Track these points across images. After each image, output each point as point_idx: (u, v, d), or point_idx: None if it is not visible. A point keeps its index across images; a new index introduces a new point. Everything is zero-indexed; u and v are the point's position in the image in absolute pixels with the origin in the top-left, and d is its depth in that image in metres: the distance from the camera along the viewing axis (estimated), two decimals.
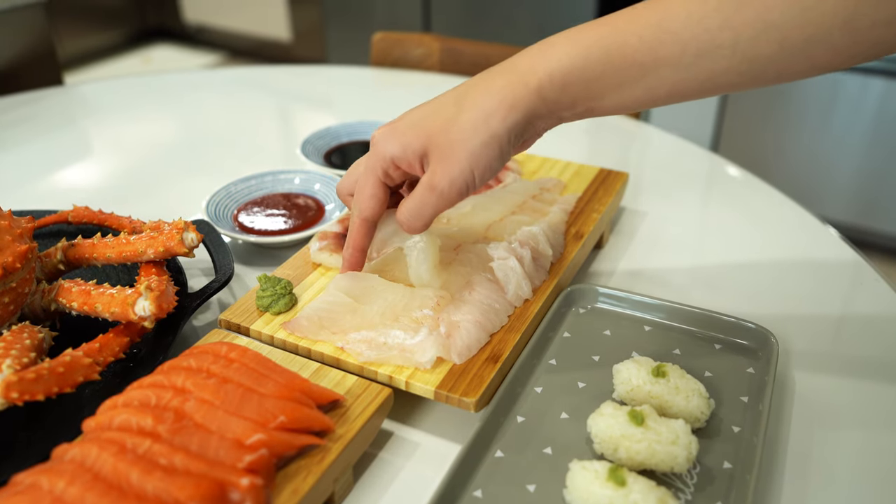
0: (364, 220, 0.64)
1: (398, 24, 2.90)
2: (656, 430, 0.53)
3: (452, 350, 0.61)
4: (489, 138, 0.56)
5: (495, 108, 0.56)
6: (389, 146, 0.59)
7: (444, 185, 0.57)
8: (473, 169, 0.57)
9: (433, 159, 0.57)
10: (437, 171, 0.57)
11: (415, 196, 0.59)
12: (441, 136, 0.57)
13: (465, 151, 0.56)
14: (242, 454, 0.49)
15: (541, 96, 0.56)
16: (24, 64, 1.52)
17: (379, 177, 0.62)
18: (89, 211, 0.81)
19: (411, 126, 0.59)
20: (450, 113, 0.57)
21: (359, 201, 0.64)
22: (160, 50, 4.25)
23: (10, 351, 0.55)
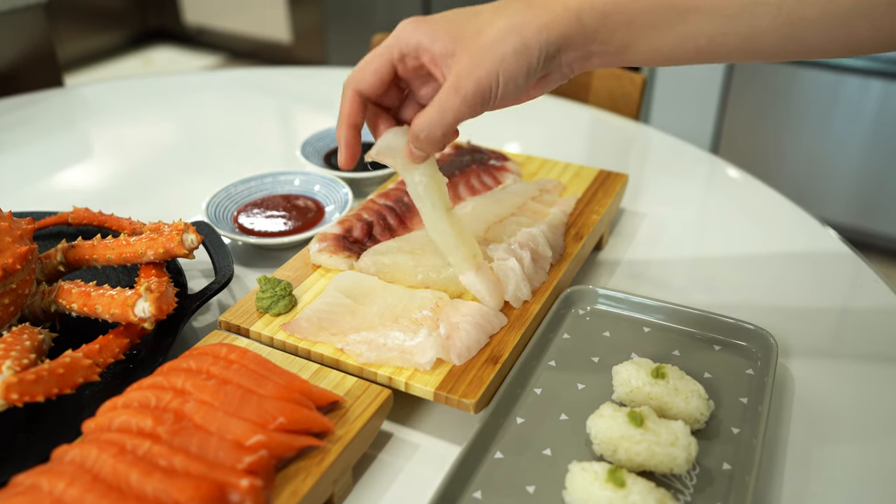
0: (357, 93, 0.61)
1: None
2: (656, 432, 0.53)
3: (452, 351, 0.61)
4: (521, 46, 0.54)
5: (530, 21, 0.54)
6: (419, 33, 0.57)
7: (469, 86, 0.55)
8: (500, 73, 0.55)
9: (462, 59, 0.55)
10: (464, 72, 0.55)
11: (435, 102, 0.56)
12: (473, 39, 0.55)
13: (494, 55, 0.54)
14: (242, 455, 0.49)
15: (579, 20, 0.54)
16: (25, 65, 1.52)
17: (393, 57, 0.59)
18: (89, 212, 0.81)
19: (445, 22, 0.57)
20: (486, 19, 0.56)
21: (358, 71, 0.60)
22: (160, 51, 4.26)
23: (10, 352, 0.55)
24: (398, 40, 0.58)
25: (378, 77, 0.59)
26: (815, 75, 2.14)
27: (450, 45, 0.56)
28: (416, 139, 0.59)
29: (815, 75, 2.14)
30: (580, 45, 0.56)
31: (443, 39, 0.56)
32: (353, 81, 0.60)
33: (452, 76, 0.55)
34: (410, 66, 0.59)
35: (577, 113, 1.29)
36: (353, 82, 0.60)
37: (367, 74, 0.59)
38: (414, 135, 0.58)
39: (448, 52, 0.56)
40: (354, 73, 0.60)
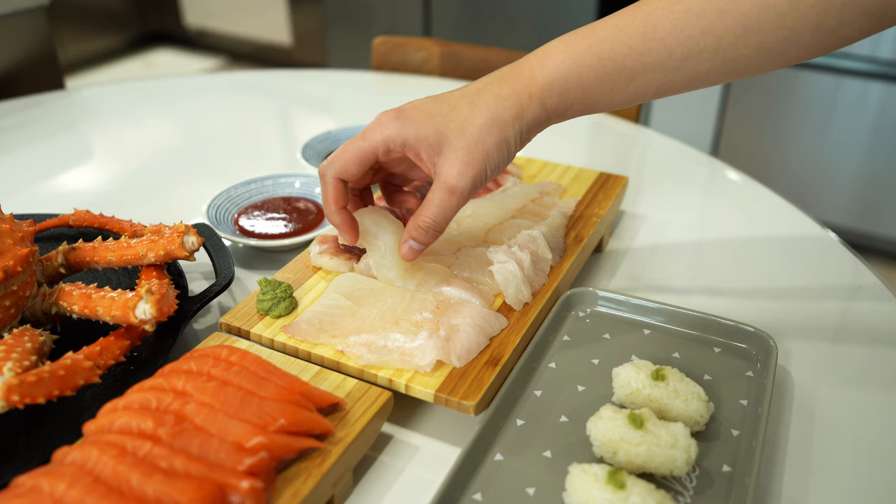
0: (339, 180, 0.64)
1: (399, 28, 2.90)
2: (655, 434, 0.53)
3: (452, 353, 0.61)
4: (501, 141, 0.61)
5: (504, 115, 0.61)
6: (405, 129, 0.61)
7: (465, 185, 0.60)
8: (487, 167, 0.61)
9: (450, 159, 0.60)
10: (455, 173, 0.60)
11: (433, 201, 0.61)
12: (458, 136, 0.60)
13: (482, 153, 0.60)
14: (242, 457, 0.49)
15: (542, 104, 0.61)
16: (26, 68, 1.53)
17: (377, 149, 0.62)
18: (90, 214, 0.81)
19: (427, 117, 0.61)
20: (464, 115, 0.61)
21: (341, 162, 0.63)
22: (161, 54, 4.26)
23: (11, 354, 0.55)
24: (384, 136, 0.62)
25: (361, 167, 0.64)
26: (815, 78, 2.14)
27: (436, 141, 0.61)
28: (421, 232, 0.63)
29: (815, 78, 2.14)
30: (546, 121, 0.63)
31: (429, 137, 0.61)
32: (335, 171, 0.64)
33: (445, 176, 0.61)
34: (393, 159, 0.64)
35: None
36: (334, 171, 0.64)
37: (350, 165, 0.63)
38: (419, 228, 0.63)
39: (434, 149, 0.61)
40: (336, 163, 0.63)
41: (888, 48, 2.02)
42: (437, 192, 0.61)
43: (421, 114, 0.61)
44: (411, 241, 0.65)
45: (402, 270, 0.69)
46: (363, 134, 0.63)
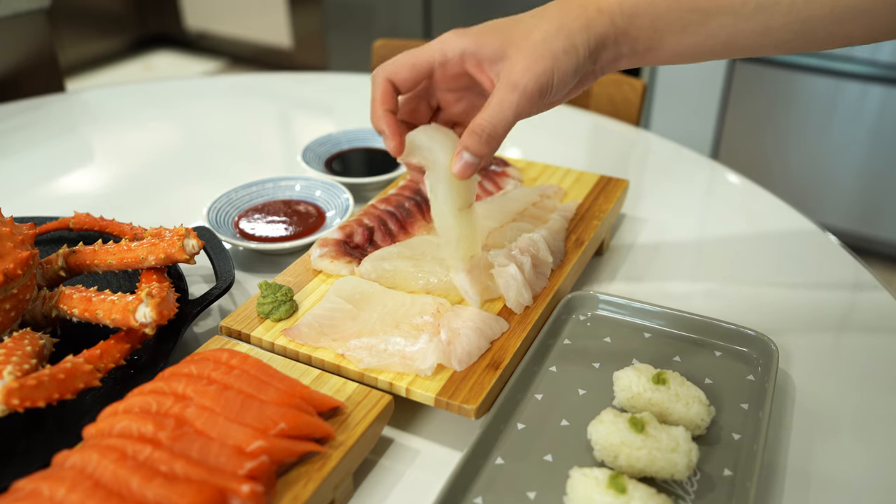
0: (389, 81, 0.60)
1: (399, 31, 2.90)
2: (656, 438, 0.53)
3: (453, 357, 0.61)
4: (569, 45, 0.56)
5: (573, 22, 0.57)
6: (463, 40, 0.57)
7: (529, 81, 0.55)
8: (554, 70, 0.56)
9: (515, 58, 0.56)
10: (520, 69, 0.55)
11: (493, 100, 0.56)
12: (523, 38, 0.56)
13: (548, 51, 0.56)
14: (243, 461, 0.49)
15: (612, 22, 0.57)
16: (26, 70, 1.53)
17: (434, 59, 0.58)
18: (90, 217, 0.81)
19: (489, 28, 0.58)
20: (531, 23, 0.57)
21: (392, 63, 0.59)
22: (161, 56, 4.26)
23: (12, 357, 0.55)
24: (442, 44, 0.58)
25: (415, 72, 0.59)
26: (814, 81, 2.14)
27: (499, 48, 0.56)
28: (475, 137, 0.56)
29: (815, 81, 2.14)
30: (612, 46, 0.58)
31: (491, 44, 0.57)
32: (386, 71, 0.59)
33: (507, 75, 0.56)
34: (451, 72, 0.59)
35: (578, 119, 1.30)
36: (385, 71, 0.59)
37: (402, 66, 0.59)
38: (473, 133, 0.56)
39: (497, 55, 0.56)
40: (388, 64, 0.59)
41: (888, 51, 2.02)
42: (498, 90, 0.56)
43: (483, 27, 0.58)
44: (465, 153, 0.57)
45: (459, 197, 0.61)
46: (423, 47, 0.59)
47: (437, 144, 0.60)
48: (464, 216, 0.62)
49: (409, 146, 0.60)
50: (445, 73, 0.59)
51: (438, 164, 0.60)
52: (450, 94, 0.62)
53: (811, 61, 2.13)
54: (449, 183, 0.60)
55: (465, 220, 0.62)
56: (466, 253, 0.64)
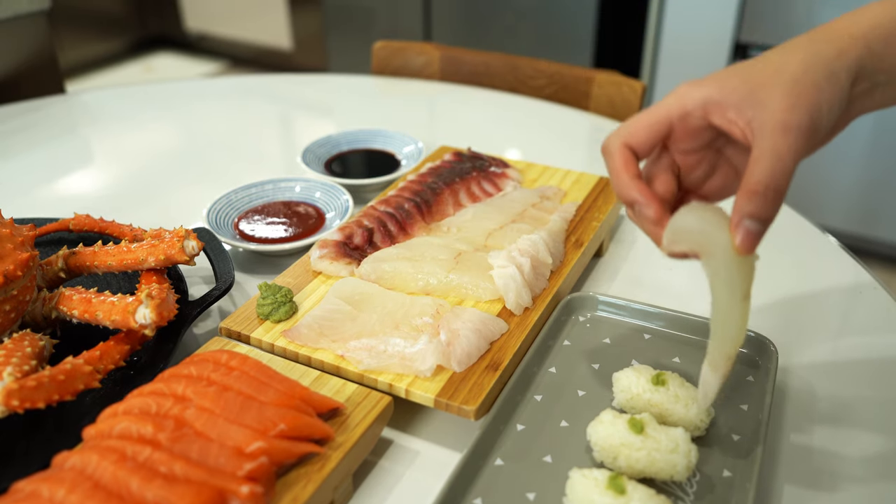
0: (627, 146, 0.53)
1: (399, 32, 2.91)
2: (656, 439, 0.53)
3: (452, 358, 0.61)
4: (830, 74, 0.49)
5: (825, 52, 0.50)
6: (704, 88, 0.50)
7: (800, 118, 0.47)
8: (822, 102, 0.48)
9: (771, 99, 0.48)
10: (783, 108, 0.48)
11: (765, 151, 0.47)
12: (775, 77, 0.49)
13: (811, 83, 0.48)
14: (242, 462, 0.49)
15: (867, 46, 0.51)
16: (26, 72, 1.53)
17: (672, 115, 0.52)
18: (90, 219, 0.81)
19: (730, 74, 0.51)
20: (778, 59, 0.50)
21: (626, 126, 0.53)
22: (161, 58, 4.26)
23: (11, 359, 0.55)
24: (680, 97, 0.51)
25: (652, 132, 0.53)
26: None
27: (748, 93, 0.49)
28: (758, 198, 0.47)
29: None
30: (869, 75, 0.51)
31: (738, 89, 0.49)
32: (622, 136, 0.53)
33: (771, 118, 0.48)
34: (692, 126, 0.52)
35: (578, 120, 1.30)
36: (621, 137, 0.53)
37: (639, 128, 0.52)
38: (754, 194, 0.47)
39: (747, 100, 0.49)
40: (621, 129, 0.54)
41: None
42: (766, 138, 0.47)
43: (722, 73, 0.51)
44: (747, 222, 0.47)
45: (744, 282, 0.50)
46: (660, 103, 0.53)
47: (709, 224, 0.50)
48: (745, 307, 0.51)
49: (675, 233, 0.51)
50: (686, 128, 0.52)
51: (717, 245, 0.50)
52: (689, 155, 0.54)
53: None
54: (731, 265, 0.50)
55: (745, 313, 0.52)
56: (733, 351, 0.53)
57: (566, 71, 1.42)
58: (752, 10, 2.13)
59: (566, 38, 2.49)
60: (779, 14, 2.11)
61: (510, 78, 1.48)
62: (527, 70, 1.46)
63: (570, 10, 2.44)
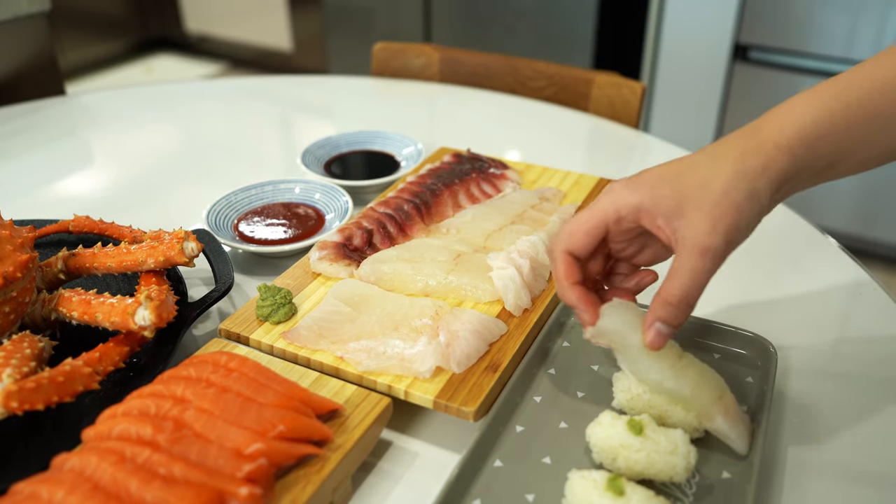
0: (569, 253, 0.58)
1: (399, 34, 2.91)
2: (655, 440, 0.53)
3: (452, 359, 0.61)
4: (751, 193, 0.53)
5: (751, 166, 0.53)
6: (637, 195, 0.55)
7: (717, 242, 0.52)
8: (740, 223, 0.53)
9: (695, 217, 0.52)
10: (704, 229, 0.52)
11: (682, 268, 0.53)
12: (701, 192, 0.53)
13: (731, 205, 0.52)
14: (241, 463, 0.49)
15: (791, 154, 0.54)
16: (26, 74, 1.53)
17: (609, 219, 0.56)
18: (90, 220, 0.81)
19: (662, 180, 0.55)
20: (705, 171, 0.54)
21: (568, 233, 0.58)
22: (162, 60, 4.27)
23: (10, 360, 0.55)
24: (615, 203, 0.56)
25: (591, 238, 0.57)
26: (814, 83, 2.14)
27: (675, 204, 0.53)
28: (670, 308, 0.54)
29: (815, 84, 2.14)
30: (794, 177, 0.55)
31: (667, 199, 0.53)
32: (564, 242, 0.58)
33: (693, 238, 0.52)
34: (624, 227, 0.57)
35: (577, 121, 1.30)
36: (563, 243, 0.58)
37: (579, 236, 0.57)
38: (667, 304, 0.54)
39: (674, 211, 0.53)
40: (564, 235, 0.58)
41: None
42: (685, 256, 0.53)
43: (654, 177, 0.55)
44: (658, 324, 0.55)
45: (666, 368, 0.56)
46: (591, 204, 0.57)
47: (626, 326, 0.57)
48: (679, 370, 0.57)
49: (598, 332, 0.58)
50: (619, 228, 0.57)
51: (631, 345, 0.57)
52: (622, 243, 0.60)
53: (811, 64, 2.14)
54: (645, 357, 0.57)
55: (684, 373, 0.57)
56: (711, 397, 0.56)
57: (566, 72, 1.42)
58: (752, 11, 2.13)
59: (566, 40, 2.49)
60: (778, 15, 2.11)
61: (510, 79, 1.48)
62: (526, 71, 1.46)
63: (569, 11, 2.44)
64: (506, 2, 2.57)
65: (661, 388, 0.57)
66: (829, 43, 2.08)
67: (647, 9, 2.29)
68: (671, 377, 0.56)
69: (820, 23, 2.06)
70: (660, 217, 0.54)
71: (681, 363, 0.57)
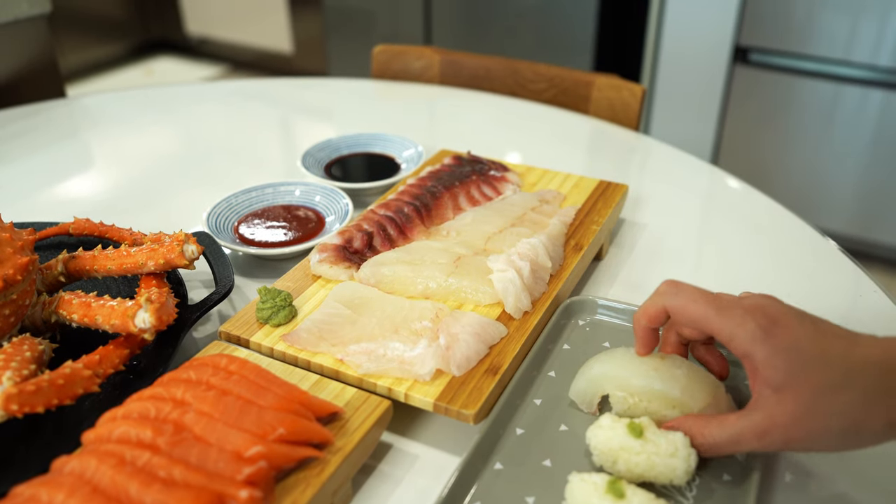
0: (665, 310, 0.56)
1: (399, 36, 2.91)
2: (655, 443, 0.53)
3: (452, 362, 0.61)
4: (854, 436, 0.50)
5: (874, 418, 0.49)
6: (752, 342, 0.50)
7: (776, 442, 0.50)
8: (812, 446, 0.50)
9: (787, 405, 0.49)
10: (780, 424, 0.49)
11: (734, 425, 0.51)
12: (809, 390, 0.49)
13: (823, 433, 0.49)
14: (241, 466, 0.49)
15: None
16: (27, 76, 1.53)
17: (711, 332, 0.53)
18: (90, 223, 0.81)
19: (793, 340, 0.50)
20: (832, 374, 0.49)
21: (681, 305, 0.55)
22: (162, 62, 4.27)
23: (11, 363, 0.55)
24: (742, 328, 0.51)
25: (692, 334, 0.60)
26: (815, 85, 2.15)
27: (783, 377, 0.49)
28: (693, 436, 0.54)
29: (815, 85, 2.14)
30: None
31: (779, 368, 0.50)
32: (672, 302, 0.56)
33: (767, 416, 0.50)
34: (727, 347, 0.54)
35: (578, 124, 1.30)
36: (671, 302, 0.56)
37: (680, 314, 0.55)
38: (697, 441, 0.53)
39: (775, 381, 0.50)
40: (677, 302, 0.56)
41: (888, 56, 2.02)
42: (745, 419, 0.51)
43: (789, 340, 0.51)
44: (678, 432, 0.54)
45: (650, 370, 0.57)
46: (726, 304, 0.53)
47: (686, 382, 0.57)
48: (664, 371, 0.57)
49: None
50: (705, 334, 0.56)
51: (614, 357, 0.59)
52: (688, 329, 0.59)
53: (811, 66, 2.14)
54: (628, 363, 0.59)
55: (671, 373, 0.57)
56: (703, 395, 0.57)
57: (566, 74, 1.42)
58: (752, 14, 2.13)
59: (566, 42, 2.49)
60: (778, 17, 2.11)
61: (510, 81, 1.48)
62: (527, 74, 1.46)
63: (570, 13, 2.44)
64: (506, 4, 2.57)
65: (652, 391, 0.57)
66: (829, 45, 2.08)
67: (648, 11, 2.29)
68: (657, 378, 0.57)
69: (820, 25, 2.06)
70: (760, 371, 0.51)
71: (665, 364, 0.58)
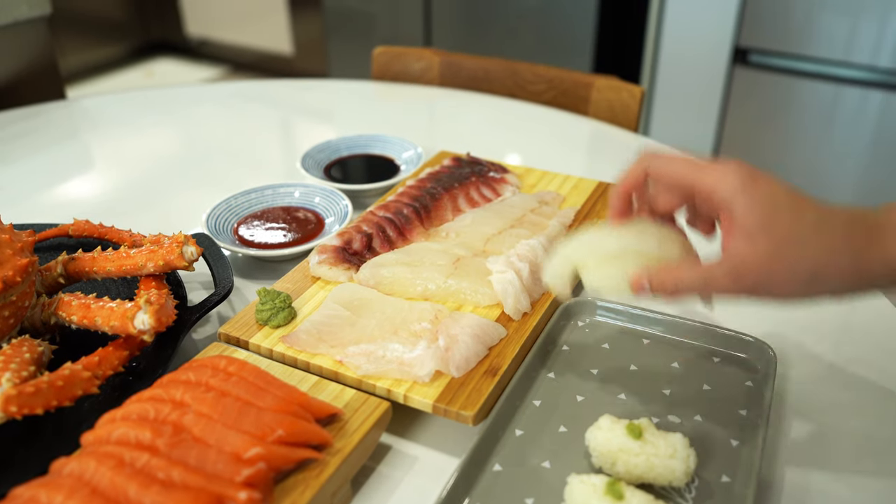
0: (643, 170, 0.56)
1: (399, 38, 2.91)
2: (654, 444, 0.53)
3: (451, 363, 0.61)
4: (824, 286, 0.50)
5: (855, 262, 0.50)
6: (733, 192, 0.50)
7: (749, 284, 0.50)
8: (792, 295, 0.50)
9: (758, 250, 0.49)
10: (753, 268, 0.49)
11: (705, 270, 0.51)
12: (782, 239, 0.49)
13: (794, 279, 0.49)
14: (240, 468, 0.49)
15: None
16: (27, 78, 1.53)
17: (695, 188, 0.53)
18: (90, 224, 0.82)
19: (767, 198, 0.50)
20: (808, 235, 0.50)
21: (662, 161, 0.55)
22: (162, 63, 4.27)
23: (10, 364, 0.55)
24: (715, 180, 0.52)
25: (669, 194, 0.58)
26: (814, 86, 2.15)
27: (758, 219, 0.50)
28: (664, 289, 0.53)
29: (815, 86, 2.15)
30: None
31: (758, 209, 0.50)
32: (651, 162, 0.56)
33: (739, 259, 0.50)
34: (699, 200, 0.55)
35: (577, 125, 1.30)
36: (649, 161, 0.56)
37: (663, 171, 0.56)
38: (663, 285, 0.52)
39: (751, 222, 0.50)
40: (657, 159, 0.56)
41: (888, 57, 2.02)
42: (717, 266, 0.51)
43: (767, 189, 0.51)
44: (646, 283, 0.54)
45: (623, 235, 0.57)
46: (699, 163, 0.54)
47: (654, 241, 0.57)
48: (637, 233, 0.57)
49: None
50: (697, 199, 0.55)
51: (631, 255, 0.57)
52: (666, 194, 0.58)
53: (811, 67, 2.14)
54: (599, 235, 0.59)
55: (644, 234, 0.57)
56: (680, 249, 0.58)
57: (565, 76, 1.43)
58: (752, 15, 2.13)
59: (566, 43, 2.49)
60: (778, 18, 2.11)
61: (509, 83, 1.48)
62: (526, 75, 1.46)
63: (569, 14, 2.44)
64: (506, 5, 2.57)
65: (627, 252, 0.55)
66: (828, 46, 2.08)
67: (647, 12, 2.29)
68: (632, 238, 0.56)
69: (819, 26, 2.06)
70: (728, 208, 0.51)
71: (635, 226, 0.57)
